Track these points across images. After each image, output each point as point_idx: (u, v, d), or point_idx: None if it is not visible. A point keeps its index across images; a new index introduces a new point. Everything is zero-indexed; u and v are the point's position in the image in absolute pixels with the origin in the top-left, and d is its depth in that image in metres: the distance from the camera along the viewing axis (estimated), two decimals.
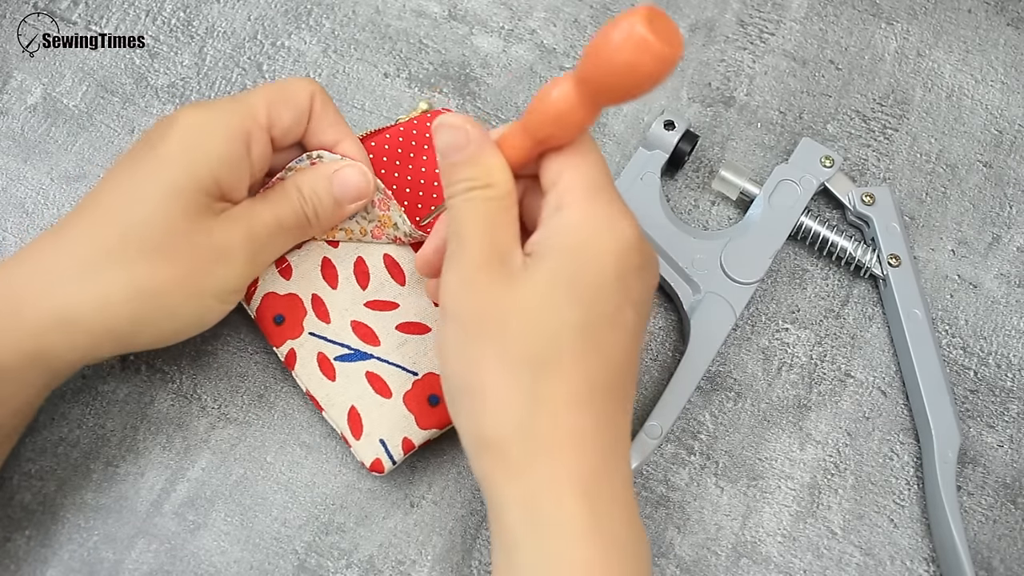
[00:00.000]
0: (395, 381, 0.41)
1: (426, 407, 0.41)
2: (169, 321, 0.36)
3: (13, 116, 0.48)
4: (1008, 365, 0.46)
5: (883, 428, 0.45)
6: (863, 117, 0.50)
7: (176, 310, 0.36)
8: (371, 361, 0.41)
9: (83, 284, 0.34)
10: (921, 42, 0.51)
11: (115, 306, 0.35)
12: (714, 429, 0.45)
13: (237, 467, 0.43)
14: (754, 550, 0.43)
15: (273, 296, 0.42)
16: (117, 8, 0.50)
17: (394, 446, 0.40)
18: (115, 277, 0.34)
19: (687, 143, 0.46)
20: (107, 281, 0.34)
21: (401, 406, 0.41)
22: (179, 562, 0.41)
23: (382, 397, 0.41)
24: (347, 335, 0.42)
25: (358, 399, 0.41)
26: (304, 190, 0.39)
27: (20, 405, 0.36)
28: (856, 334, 0.47)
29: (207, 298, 0.37)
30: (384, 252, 0.43)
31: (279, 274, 0.42)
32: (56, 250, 0.35)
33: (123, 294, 0.35)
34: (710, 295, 0.44)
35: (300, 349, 0.41)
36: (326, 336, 0.42)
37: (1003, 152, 0.49)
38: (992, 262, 0.48)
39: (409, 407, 0.41)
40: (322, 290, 0.42)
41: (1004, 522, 0.44)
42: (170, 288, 0.35)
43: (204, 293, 0.36)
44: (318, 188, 0.39)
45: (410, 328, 0.42)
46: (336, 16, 0.50)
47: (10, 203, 0.46)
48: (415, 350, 0.42)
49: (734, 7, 0.51)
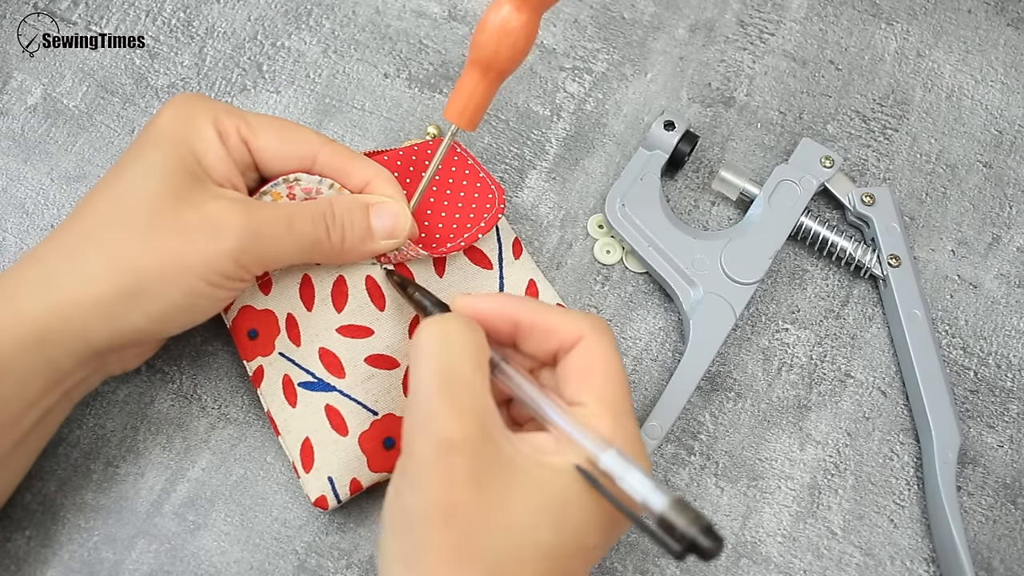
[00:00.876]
0: (354, 419, 0.41)
1: (380, 450, 0.40)
2: (156, 299, 0.35)
3: (13, 116, 0.48)
4: (1008, 365, 0.46)
5: (883, 428, 0.45)
6: (863, 117, 0.50)
7: (161, 287, 0.35)
8: (333, 394, 0.41)
9: (69, 263, 0.35)
10: (921, 42, 0.51)
11: (98, 279, 0.34)
12: (714, 429, 0.45)
13: (237, 467, 0.43)
14: (754, 550, 0.43)
15: (250, 310, 0.41)
16: (117, 8, 0.50)
17: (341, 486, 0.40)
18: (95, 252, 0.35)
19: (687, 144, 0.46)
20: (88, 258, 0.35)
21: (355, 446, 0.40)
22: (179, 562, 0.41)
23: (337, 434, 0.40)
24: (314, 362, 0.41)
25: (314, 432, 0.40)
26: (337, 209, 0.38)
27: (24, 406, 0.36)
28: (856, 334, 0.47)
29: (193, 277, 0.35)
30: (367, 274, 0.42)
31: (258, 287, 0.41)
32: (48, 242, 0.36)
33: (103, 266, 0.34)
34: (710, 295, 0.44)
35: (268, 368, 0.41)
36: (294, 359, 0.41)
37: (1003, 152, 0.49)
38: (992, 262, 0.48)
39: (363, 448, 0.40)
40: (297, 310, 0.41)
41: (1004, 522, 0.44)
42: (152, 262, 0.34)
43: (189, 270, 0.35)
44: (354, 212, 0.38)
45: (379, 362, 0.42)
46: (336, 16, 0.50)
47: (10, 203, 0.46)
48: (380, 386, 0.41)
49: (734, 7, 0.51)
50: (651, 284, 0.47)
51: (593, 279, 0.47)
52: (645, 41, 0.51)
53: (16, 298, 0.35)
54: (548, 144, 0.49)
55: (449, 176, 0.44)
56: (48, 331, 0.34)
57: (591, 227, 0.47)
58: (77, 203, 0.37)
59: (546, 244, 0.47)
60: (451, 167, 0.44)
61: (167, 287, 0.35)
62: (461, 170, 0.44)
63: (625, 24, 0.51)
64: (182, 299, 0.35)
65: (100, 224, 0.35)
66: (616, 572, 0.43)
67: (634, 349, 0.46)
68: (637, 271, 0.47)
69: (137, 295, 0.35)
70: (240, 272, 0.36)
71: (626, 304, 0.46)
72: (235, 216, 0.36)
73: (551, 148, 0.49)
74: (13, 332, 0.34)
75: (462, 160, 0.44)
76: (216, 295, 0.36)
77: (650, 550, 0.43)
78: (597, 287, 0.47)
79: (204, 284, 0.35)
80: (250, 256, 0.36)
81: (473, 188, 0.44)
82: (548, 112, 0.49)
